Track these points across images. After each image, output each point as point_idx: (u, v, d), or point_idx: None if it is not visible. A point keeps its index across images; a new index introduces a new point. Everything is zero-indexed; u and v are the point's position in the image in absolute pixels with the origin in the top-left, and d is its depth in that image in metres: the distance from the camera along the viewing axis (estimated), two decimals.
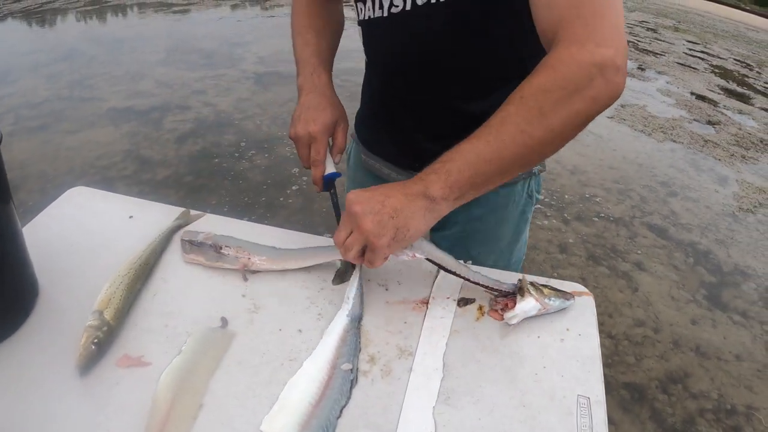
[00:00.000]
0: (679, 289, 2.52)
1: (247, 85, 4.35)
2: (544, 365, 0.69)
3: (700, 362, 2.11)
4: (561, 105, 0.61)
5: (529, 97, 0.62)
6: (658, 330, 2.24)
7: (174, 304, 0.74)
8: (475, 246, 0.99)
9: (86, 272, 0.78)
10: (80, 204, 0.95)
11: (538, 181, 1.00)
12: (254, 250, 0.81)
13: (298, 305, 0.74)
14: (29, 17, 6.23)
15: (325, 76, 0.90)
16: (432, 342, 0.70)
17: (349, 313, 0.72)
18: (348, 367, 0.65)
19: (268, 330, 0.70)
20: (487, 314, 0.75)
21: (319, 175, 0.83)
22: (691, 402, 1.92)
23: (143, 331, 0.70)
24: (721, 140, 4.52)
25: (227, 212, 2.64)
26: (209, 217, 0.94)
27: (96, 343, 0.64)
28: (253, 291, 0.77)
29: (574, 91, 0.61)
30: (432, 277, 0.80)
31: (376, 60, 0.93)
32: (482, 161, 0.63)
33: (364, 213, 0.64)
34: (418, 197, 0.64)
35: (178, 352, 0.66)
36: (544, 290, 0.74)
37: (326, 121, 0.84)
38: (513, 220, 1.00)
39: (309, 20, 0.96)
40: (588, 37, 0.61)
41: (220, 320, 0.72)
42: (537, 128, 0.62)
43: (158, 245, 0.84)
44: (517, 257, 1.05)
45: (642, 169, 3.69)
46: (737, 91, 6.33)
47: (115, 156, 3.13)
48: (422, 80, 0.85)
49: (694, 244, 2.90)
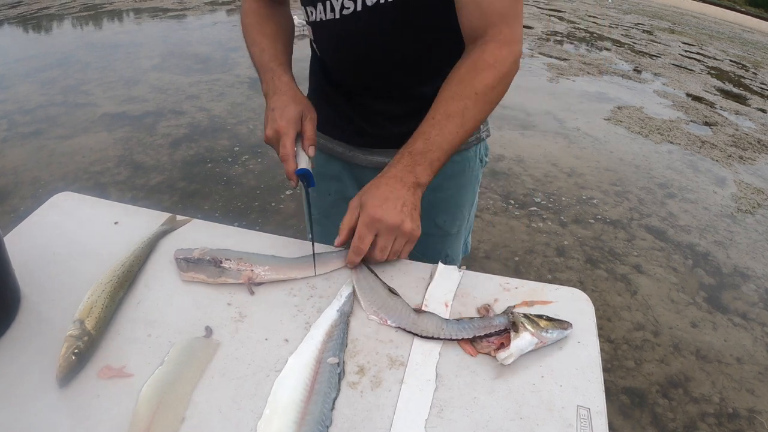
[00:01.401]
0: (679, 291, 2.49)
1: (242, 89, 4.34)
2: (541, 375, 0.66)
3: (700, 366, 2.09)
4: (500, 95, 0.84)
5: (482, 95, 0.81)
6: (658, 333, 2.21)
7: (158, 313, 0.72)
8: (440, 214, 1.08)
9: (69, 280, 0.75)
10: (65, 210, 0.92)
11: (485, 145, 1.11)
12: (256, 260, 0.78)
13: (285, 314, 0.72)
14: (25, 23, 6.23)
15: (286, 77, 0.91)
16: (424, 351, 0.67)
17: (340, 309, 0.71)
18: (334, 360, 0.63)
19: (254, 339, 0.68)
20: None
21: (291, 169, 0.82)
22: (693, 406, 1.90)
23: (125, 341, 0.67)
24: (719, 141, 4.52)
25: (220, 217, 2.62)
26: (196, 222, 0.91)
27: (76, 354, 0.62)
28: (239, 299, 0.74)
29: (508, 83, 0.83)
30: (425, 282, 0.78)
31: (328, 55, 0.99)
32: (452, 148, 0.80)
33: (385, 212, 0.74)
34: (414, 186, 0.78)
35: (161, 362, 0.64)
36: (540, 322, 0.68)
37: (290, 116, 0.84)
38: (470, 184, 1.10)
39: (260, 28, 0.98)
40: (512, 38, 0.82)
41: (205, 329, 0.69)
42: (485, 115, 0.85)
43: (142, 252, 0.82)
44: (471, 220, 1.18)
45: (639, 171, 3.68)
46: (733, 92, 6.35)
47: (109, 161, 3.10)
48: (374, 71, 0.95)
49: (693, 246, 2.88)
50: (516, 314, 0.68)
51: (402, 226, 0.75)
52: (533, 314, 0.69)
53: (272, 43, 0.96)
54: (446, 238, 1.12)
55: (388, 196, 0.76)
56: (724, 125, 5.01)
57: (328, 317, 0.70)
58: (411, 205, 0.76)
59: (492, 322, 0.68)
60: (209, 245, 0.83)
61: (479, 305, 0.75)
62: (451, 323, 0.69)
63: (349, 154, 1.08)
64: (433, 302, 0.74)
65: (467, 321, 0.69)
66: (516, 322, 0.67)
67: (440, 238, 1.12)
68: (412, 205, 0.76)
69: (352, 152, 1.08)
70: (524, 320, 0.67)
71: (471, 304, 0.75)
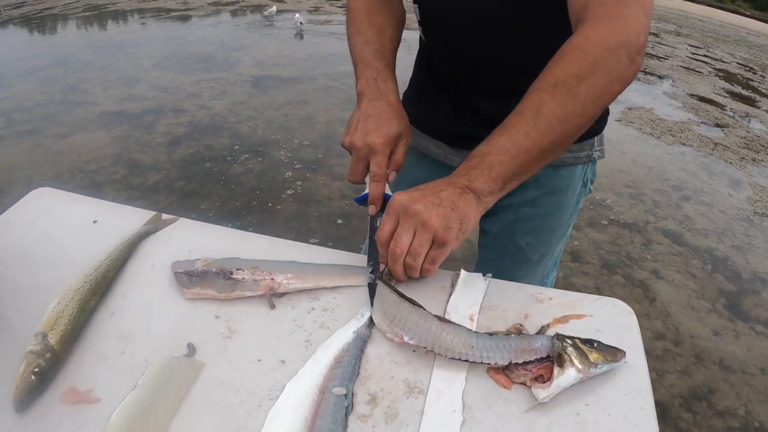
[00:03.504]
0: (699, 298, 2.39)
1: (244, 88, 4.26)
2: (586, 402, 0.56)
3: (724, 377, 1.99)
4: (593, 90, 0.62)
5: (562, 85, 0.62)
6: (679, 343, 2.11)
7: (133, 325, 0.62)
8: (525, 235, 0.92)
9: (38, 285, 0.66)
10: (42, 207, 0.83)
11: (594, 169, 0.93)
12: (274, 267, 0.67)
13: (282, 329, 0.61)
14: (29, 23, 6.20)
15: (391, 83, 0.80)
16: (448, 376, 0.56)
17: (357, 330, 0.60)
18: (341, 391, 0.53)
19: (245, 360, 0.57)
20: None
21: (380, 192, 0.73)
22: (717, 420, 1.80)
23: (95, 359, 0.58)
24: (731, 143, 4.45)
25: (218, 218, 2.53)
26: (183, 222, 0.81)
27: (37, 373, 0.54)
28: (228, 311, 0.63)
29: (605, 75, 0.62)
30: (446, 292, 0.67)
31: (433, 37, 0.87)
32: (522, 152, 0.63)
33: (427, 208, 0.61)
34: (466, 191, 0.63)
35: (134, 386, 0.54)
36: (591, 354, 0.56)
37: (390, 133, 0.74)
38: (568, 208, 0.93)
39: (369, 17, 0.86)
40: (618, 14, 0.62)
41: (187, 347, 0.59)
42: (572, 115, 0.63)
43: (121, 254, 0.72)
44: (558, 252, 0.99)
45: (653, 173, 3.60)
46: (743, 94, 6.32)
47: (105, 160, 3.02)
48: (480, 57, 0.81)
49: (711, 251, 2.79)
50: (564, 343, 0.56)
51: (426, 215, 0.60)
52: (582, 340, 0.57)
53: (379, 35, 0.84)
54: (524, 264, 0.96)
55: (426, 191, 0.63)
56: (735, 127, 4.94)
57: (340, 339, 0.58)
58: (449, 203, 0.61)
59: (533, 344, 0.57)
60: (198, 247, 0.73)
61: (510, 322, 0.64)
62: (483, 339, 0.57)
63: (445, 156, 0.95)
64: (456, 315, 0.63)
65: (502, 338, 0.58)
66: (562, 354, 0.55)
67: (517, 263, 0.96)
68: (450, 204, 0.61)
69: (449, 154, 0.94)
70: (572, 352, 0.55)
71: (500, 318, 0.64)
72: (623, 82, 0.64)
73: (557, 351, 0.55)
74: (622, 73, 0.63)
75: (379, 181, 0.73)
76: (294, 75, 4.61)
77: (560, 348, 0.56)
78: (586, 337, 0.58)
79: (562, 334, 0.58)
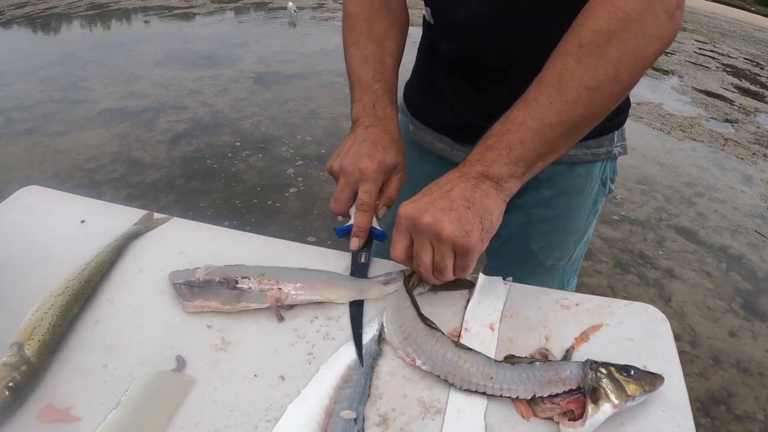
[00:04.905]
0: (714, 297, 2.33)
1: (246, 84, 4.20)
2: (621, 421, 0.50)
3: (742, 379, 1.92)
4: (626, 51, 0.53)
5: (589, 45, 0.53)
6: (696, 344, 2.04)
7: (118, 335, 0.56)
8: (539, 238, 0.83)
9: (19, 291, 0.61)
10: (29, 205, 0.78)
11: (614, 166, 0.84)
12: (283, 275, 0.61)
13: (282, 341, 0.55)
14: (31, 22, 6.17)
15: (391, 110, 0.73)
16: (468, 394, 0.50)
17: (365, 345, 0.54)
18: (351, 415, 0.46)
19: (240, 375, 0.51)
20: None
21: (367, 224, 0.65)
22: (737, 425, 1.74)
23: (76, 373, 0.53)
24: (741, 139, 4.37)
25: (218, 217, 2.47)
26: (176, 221, 0.75)
27: (11, 388, 0.49)
28: (222, 320, 0.57)
29: (639, 32, 0.53)
30: (464, 298, 0.61)
31: (440, 15, 0.77)
32: (546, 128, 0.54)
33: (437, 218, 0.53)
34: (481, 179, 0.55)
35: (117, 403, 0.49)
36: (628, 387, 0.48)
37: (386, 162, 0.66)
38: (585, 209, 0.84)
39: (368, 26, 0.77)
40: None
41: (176, 360, 0.53)
42: (603, 81, 0.54)
43: (107, 257, 0.66)
44: (577, 258, 0.89)
45: (664, 169, 3.54)
46: (751, 89, 6.27)
47: (104, 158, 2.97)
48: (491, 37, 0.72)
49: (725, 248, 2.72)
50: (598, 373, 0.49)
51: (437, 227, 0.52)
52: (617, 368, 0.50)
53: (378, 51, 0.75)
54: (536, 269, 0.87)
55: (433, 194, 0.55)
56: (745, 122, 4.87)
57: (347, 355, 0.52)
58: (463, 202, 0.53)
59: (561, 374, 0.49)
60: (191, 248, 0.68)
61: (533, 330, 0.58)
62: (503, 368, 0.50)
63: (451, 152, 0.86)
64: (476, 324, 0.56)
65: (525, 367, 0.50)
66: (598, 388, 0.48)
67: (529, 268, 0.87)
68: (464, 202, 0.53)
69: (454, 149, 0.86)
70: (607, 384, 0.48)
71: (522, 326, 0.58)
72: (661, 42, 0.55)
73: (591, 384, 0.48)
74: (660, 31, 0.54)
75: (367, 211, 0.64)
76: (298, 71, 4.55)
77: (594, 380, 0.48)
78: (622, 364, 0.51)
79: (596, 362, 0.50)
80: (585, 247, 0.90)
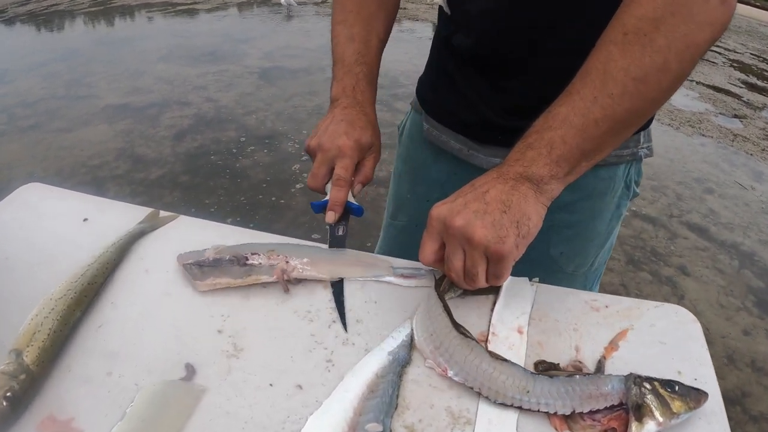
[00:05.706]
0: (728, 295, 2.30)
1: (251, 79, 4.18)
2: None
3: (757, 379, 1.90)
4: (675, 37, 0.49)
5: (634, 33, 0.49)
6: (710, 343, 1.98)
7: (123, 341, 0.54)
8: (559, 244, 0.79)
9: (18, 294, 0.59)
10: (30, 204, 0.75)
11: (639, 168, 0.80)
12: (290, 251, 0.63)
13: (298, 346, 0.52)
14: (35, 19, 6.16)
15: (369, 94, 0.75)
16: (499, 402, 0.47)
17: (392, 352, 0.51)
18: (377, 428, 0.43)
19: (254, 385, 0.48)
20: None
21: (342, 198, 0.66)
22: (753, 426, 1.72)
23: (78, 381, 0.50)
24: (751, 134, 4.34)
25: (224, 214, 2.45)
26: (183, 219, 0.72)
27: (9, 398, 0.47)
28: (234, 325, 0.54)
29: (688, 17, 0.49)
30: (490, 300, 0.58)
31: (462, 17, 0.75)
32: (590, 124, 0.51)
33: (469, 222, 0.50)
34: (520, 181, 0.52)
35: (122, 415, 0.47)
36: (674, 404, 0.46)
37: (362, 141, 0.69)
38: (608, 213, 0.80)
39: (358, 5, 0.78)
40: None
41: (185, 368, 0.50)
42: (651, 71, 0.50)
43: (111, 257, 0.64)
44: (600, 264, 0.86)
45: (674, 165, 3.51)
46: (758, 85, 6.24)
47: (108, 155, 2.96)
48: (513, 43, 0.68)
49: (737, 245, 2.69)
50: (642, 388, 0.46)
51: (469, 231, 0.50)
52: (661, 383, 0.47)
53: (365, 31, 0.76)
54: (556, 275, 0.83)
55: (469, 196, 0.53)
56: (753, 118, 4.83)
57: (374, 362, 0.49)
58: (498, 206, 0.50)
59: (602, 388, 0.46)
60: (198, 248, 0.64)
61: (563, 333, 0.54)
62: (540, 381, 0.46)
63: (467, 152, 0.82)
64: (504, 328, 0.53)
65: (564, 380, 0.47)
66: (642, 405, 0.45)
67: (549, 275, 0.80)
68: (500, 206, 0.50)
69: (471, 149, 0.82)
70: (652, 401, 0.45)
71: (552, 330, 0.55)
72: (713, 28, 0.50)
73: (635, 400, 0.45)
74: (711, 16, 0.50)
75: (343, 186, 0.66)
76: (303, 66, 4.52)
77: (638, 396, 0.45)
78: (666, 379, 0.48)
79: (639, 376, 0.47)
80: (608, 254, 0.87)
